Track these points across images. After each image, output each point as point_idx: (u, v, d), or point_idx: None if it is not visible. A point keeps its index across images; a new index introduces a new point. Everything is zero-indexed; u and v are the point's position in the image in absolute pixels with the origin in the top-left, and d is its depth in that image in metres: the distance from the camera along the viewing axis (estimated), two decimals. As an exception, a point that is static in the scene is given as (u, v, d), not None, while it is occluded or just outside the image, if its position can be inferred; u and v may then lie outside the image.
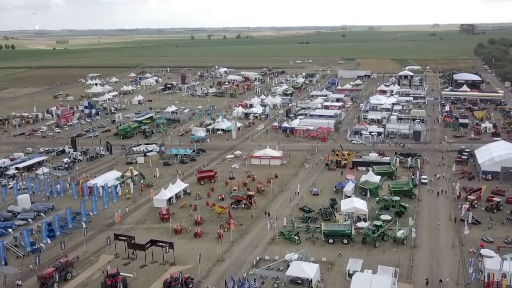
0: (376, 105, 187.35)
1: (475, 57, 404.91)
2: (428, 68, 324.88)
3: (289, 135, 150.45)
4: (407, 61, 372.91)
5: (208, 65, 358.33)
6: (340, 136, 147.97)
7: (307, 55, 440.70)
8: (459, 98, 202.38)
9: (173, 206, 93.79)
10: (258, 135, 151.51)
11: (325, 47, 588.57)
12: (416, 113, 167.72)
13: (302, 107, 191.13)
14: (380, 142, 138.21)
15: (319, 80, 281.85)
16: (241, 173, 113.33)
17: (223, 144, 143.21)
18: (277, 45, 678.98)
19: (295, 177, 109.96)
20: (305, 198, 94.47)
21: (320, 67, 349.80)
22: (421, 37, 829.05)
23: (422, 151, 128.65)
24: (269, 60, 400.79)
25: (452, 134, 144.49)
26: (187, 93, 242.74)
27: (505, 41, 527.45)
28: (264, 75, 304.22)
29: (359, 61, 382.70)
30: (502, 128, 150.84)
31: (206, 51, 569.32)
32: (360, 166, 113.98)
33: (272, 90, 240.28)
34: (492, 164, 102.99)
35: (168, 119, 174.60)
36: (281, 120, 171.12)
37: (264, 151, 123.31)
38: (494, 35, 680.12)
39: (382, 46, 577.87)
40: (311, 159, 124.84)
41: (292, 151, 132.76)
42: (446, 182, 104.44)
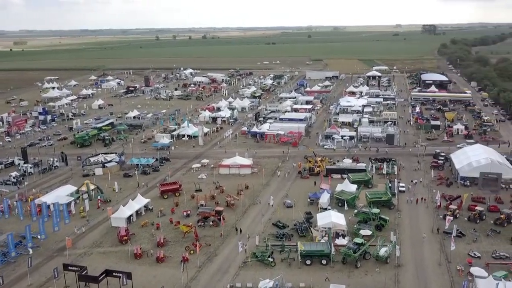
0: (346, 107, 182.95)
1: (439, 57, 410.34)
2: (395, 68, 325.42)
3: (259, 141, 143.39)
4: (374, 61, 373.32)
5: (173, 66, 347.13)
6: (312, 141, 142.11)
7: (275, 55, 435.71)
8: (428, 99, 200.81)
9: (133, 225, 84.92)
10: (227, 141, 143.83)
11: (292, 47, 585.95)
12: (387, 115, 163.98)
13: (272, 110, 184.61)
14: (353, 147, 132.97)
15: (287, 82, 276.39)
16: (208, 184, 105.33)
17: (189, 151, 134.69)
18: (244, 45, 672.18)
19: (267, 187, 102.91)
20: (278, 212, 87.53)
21: (288, 68, 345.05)
22: (385, 37, 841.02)
23: (396, 156, 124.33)
24: (236, 61, 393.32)
25: (425, 137, 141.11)
26: (151, 96, 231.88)
27: (466, 41, 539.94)
28: (231, 77, 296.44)
29: (327, 62, 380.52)
30: (474, 130, 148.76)
31: (172, 52, 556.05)
32: (335, 173, 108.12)
33: (240, 92, 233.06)
34: (471, 169, 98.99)
35: (130, 125, 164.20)
36: (250, 125, 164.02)
37: (233, 159, 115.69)
38: (453, 35, 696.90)
39: (348, 47, 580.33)
40: (283, 166, 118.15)
41: (263, 158, 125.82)
42: (424, 188, 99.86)
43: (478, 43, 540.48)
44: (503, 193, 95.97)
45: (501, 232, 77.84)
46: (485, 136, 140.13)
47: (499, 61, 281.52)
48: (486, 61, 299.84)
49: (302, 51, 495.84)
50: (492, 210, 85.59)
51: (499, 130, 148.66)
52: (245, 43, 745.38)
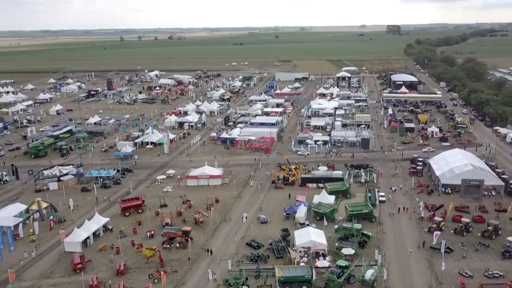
0: (318, 110, 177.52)
1: (406, 57, 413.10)
2: (364, 68, 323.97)
3: (229, 147, 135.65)
4: (342, 62, 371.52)
5: (137, 68, 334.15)
6: (284, 147, 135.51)
7: (243, 56, 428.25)
8: (399, 100, 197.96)
9: (90, 249, 75.64)
10: (195, 148, 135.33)
11: (260, 48, 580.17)
12: (360, 118, 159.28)
13: (242, 114, 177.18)
14: (328, 152, 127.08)
15: (256, 84, 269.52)
16: (175, 198, 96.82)
17: (153, 161, 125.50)
18: (211, 46, 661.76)
19: (239, 200, 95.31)
20: (252, 229, 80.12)
21: (256, 69, 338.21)
22: (351, 37, 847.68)
23: (372, 161, 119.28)
24: (204, 62, 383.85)
25: (400, 140, 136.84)
26: (113, 100, 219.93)
27: (431, 41, 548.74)
28: (198, 79, 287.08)
29: (296, 63, 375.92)
30: (448, 132, 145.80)
31: (137, 53, 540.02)
32: (310, 182, 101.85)
33: (208, 95, 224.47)
34: (452, 176, 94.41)
35: (90, 132, 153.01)
36: (219, 130, 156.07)
37: (202, 170, 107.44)
38: (416, 35, 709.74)
39: (316, 47, 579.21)
40: (256, 175, 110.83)
41: (234, 166, 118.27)
42: (405, 197, 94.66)
43: (442, 43, 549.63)
44: (486, 200, 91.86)
45: (490, 245, 73.02)
46: (460, 138, 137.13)
47: (465, 61, 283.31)
48: (453, 61, 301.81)
49: (270, 52, 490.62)
50: (478, 221, 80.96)
51: (473, 131, 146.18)
52: (212, 43, 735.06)
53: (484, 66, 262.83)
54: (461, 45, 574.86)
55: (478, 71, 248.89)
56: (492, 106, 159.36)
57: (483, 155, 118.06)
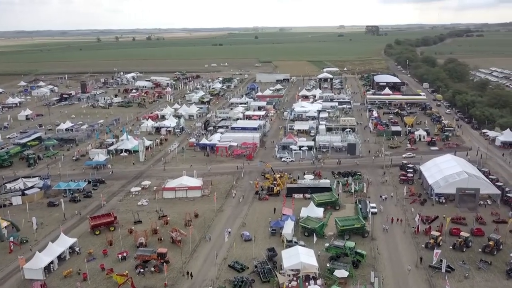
0: (301, 113, 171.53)
1: (387, 57, 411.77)
2: (345, 69, 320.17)
3: (210, 154, 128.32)
4: (323, 62, 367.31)
5: (113, 70, 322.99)
6: (268, 153, 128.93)
7: (222, 57, 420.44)
8: (384, 102, 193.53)
9: (54, 276, 67.54)
10: (172, 156, 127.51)
11: (240, 49, 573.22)
12: (345, 121, 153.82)
13: (222, 118, 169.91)
14: (314, 159, 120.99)
15: (237, 85, 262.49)
16: (150, 213, 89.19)
17: (128, 170, 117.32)
18: (190, 47, 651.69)
19: (220, 215, 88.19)
20: (235, 248, 73.16)
21: (237, 70, 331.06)
22: (330, 38, 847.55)
23: (360, 168, 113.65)
24: (182, 64, 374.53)
25: (388, 145, 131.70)
26: (87, 104, 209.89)
27: (410, 41, 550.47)
28: (177, 80, 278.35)
29: (276, 64, 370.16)
30: (436, 135, 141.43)
31: (114, 54, 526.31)
32: (296, 193, 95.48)
33: (187, 97, 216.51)
34: (447, 185, 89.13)
35: (61, 139, 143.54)
36: (199, 135, 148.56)
37: (180, 180, 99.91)
38: (395, 35, 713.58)
39: (296, 48, 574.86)
40: (238, 185, 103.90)
41: (215, 175, 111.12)
42: (396, 207, 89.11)
43: (421, 44, 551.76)
44: (482, 210, 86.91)
45: (493, 262, 67.70)
46: (448, 142, 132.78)
47: (447, 61, 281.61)
48: (434, 62, 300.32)
49: (250, 53, 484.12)
50: (477, 234, 75.70)
51: (461, 135, 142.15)
52: (191, 44, 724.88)
53: (466, 66, 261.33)
54: (439, 45, 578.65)
55: (460, 71, 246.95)
56: (478, 108, 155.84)
57: (469, 158, 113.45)
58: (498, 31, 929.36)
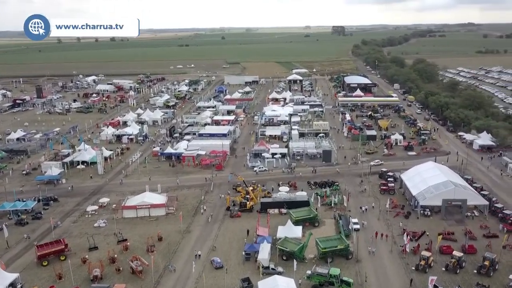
0: (272, 117, 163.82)
1: (355, 58, 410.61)
2: (314, 70, 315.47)
3: (176, 164, 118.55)
4: (292, 63, 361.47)
5: (72, 73, 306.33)
6: (239, 162, 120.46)
7: (189, 59, 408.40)
8: (356, 104, 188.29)
9: (-12, 323, 56.98)
10: (134, 167, 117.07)
11: (206, 49, 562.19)
12: (318, 125, 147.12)
13: (189, 124, 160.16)
14: (287, 167, 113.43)
15: (204, 88, 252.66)
16: (108, 237, 79.10)
17: (85, 185, 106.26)
18: (155, 48, 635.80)
19: (188, 236, 78.98)
20: (204, 278, 64.19)
21: (204, 72, 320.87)
22: (297, 38, 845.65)
23: (336, 176, 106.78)
24: (147, 65, 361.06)
25: (364, 150, 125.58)
26: (43, 110, 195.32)
27: (376, 42, 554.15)
28: (140, 83, 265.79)
29: (244, 65, 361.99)
30: (411, 139, 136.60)
31: (75, 56, 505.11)
32: (271, 208, 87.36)
33: (151, 101, 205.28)
34: (432, 197, 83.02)
35: (10, 150, 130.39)
36: (163, 143, 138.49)
37: (141, 197, 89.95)
38: (360, 36, 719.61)
39: (263, 48, 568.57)
40: (207, 199, 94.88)
41: (181, 188, 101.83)
42: (380, 222, 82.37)
43: (386, 44, 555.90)
44: (469, 222, 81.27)
45: (490, 286, 61.42)
46: (425, 147, 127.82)
47: (416, 62, 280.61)
48: (402, 62, 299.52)
49: (217, 54, 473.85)
50: (469, 252, 69.58)
51: (439, 138, 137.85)
52: (156, 45, 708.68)
53: (435, 67, 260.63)
54: (404, 45, 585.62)
55: (430, 72, 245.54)
56: (452, 110, 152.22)
57: (444, 164, 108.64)
58: (458, 31, 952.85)
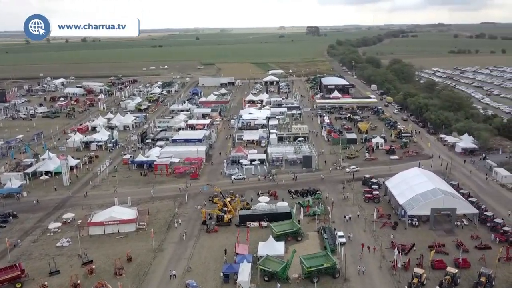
0: (250, 121, 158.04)
1: (330, 58, 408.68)
2: (291, 71, 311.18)
3: (147, 173, 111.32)
4: (267, 64, 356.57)
5: (39, 76, 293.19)
6: (215, 169, 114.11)
7: (162, 60, 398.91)
8: (334, 106, 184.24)
9: None
10: (103, 177, 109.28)
11: (180, 50, 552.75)
12: (297, 129, 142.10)
13: (162, 128, 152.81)
14: (266, 174, 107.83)
15: (178, 90, 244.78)
16: (72, 258, 71.76)
17: (48, 198, 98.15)
18: (127, 49, 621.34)
19: (160, 255, 72.26)
20: (179, 306, 57.96)
21: (177, 73, 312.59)
22: (272, 39, 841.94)
23: (317, 183, 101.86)
24: (119, 67, 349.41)
25: (345, 155, 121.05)
26: (6, 115, 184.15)
27: (351, 42, 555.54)
28: (111, 86, 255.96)
29: (219, 66, 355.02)
30: (392, 142, 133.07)
31: (44, 57, 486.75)
32: (251, 221, 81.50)
33: (122, 105, 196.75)
34: (420, 206, 78.65)
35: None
36: (134, 150, 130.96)
37: (110, 211, 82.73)
38: (334, 36, 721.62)
39: (238, 49, 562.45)
40: (182, 212, 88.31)
41: (153, 200, 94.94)
42: (366, 234, 77.53)
43: (361, 44, 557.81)
44: (459, 232, 77.27)
45: (488, 304, 57.28)
46: (408, 150, 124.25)
47: (392, 62, 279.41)
48: (378, 62, 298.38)
49: (191, 55, 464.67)
50: (463, 266, 65.29)
51: (421, 141, 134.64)
52: (128, 46, 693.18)
53: (412, 67, 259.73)
54: (378, 45, 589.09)
55: (407, 72, 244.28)
56: (432, 111, 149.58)
57: (422, 166, 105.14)
58: (429, 32, 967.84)
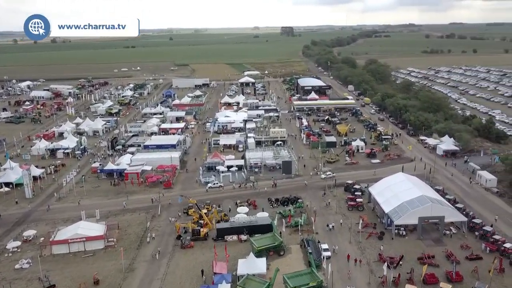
0: (226, 124, 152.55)
1: (306, 58, 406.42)
2: (266, 72, 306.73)
3: (118, 183, 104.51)
4: (243, 65, 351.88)
5: (4, 78, 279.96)
6: (190, 177, 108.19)
7: (134, 61, 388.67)
8: (311, 108, 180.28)
9: None
10: (69, 188, 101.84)
11: (154, 51, 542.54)
12: (275, 133, 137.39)
13: (133, 133, 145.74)
14: (243, 182, 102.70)
15: (151, 92, 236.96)
16: (32, 282, 64.98)
17: (8, 212, 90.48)
18: (99, 50, 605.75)
19: (130, 276, 66.12)
20: (152, 336, 52.16)
21: (150, 75, 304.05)
22: (246, 39, 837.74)
23: (298, 190, 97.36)
24: (90, 69, 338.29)
25: (325, 159, 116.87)
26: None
27: (325, 42, 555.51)
28: (81, 89, 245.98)
29: (194, 67, 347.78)
30: (372, 144, 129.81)
31: (11, 59, 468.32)
32: (229, 234, 76.12)
33: (92, 108, 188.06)
34: (408, 215, 74.83)
35: None
36: (104, 157, 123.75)
37: (75, 228, 75.95)
38: (309, 36, 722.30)
39: (213, 50, 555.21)
40: (154, 226, 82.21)
41: (123, 212, 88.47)
42: (351, 245, 73.24)
43: (335, 44, 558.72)
44: (448, 241, 73.80)
45: (486, 323, 53.60)
46: (389, 153, 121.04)
47: (368, 62, 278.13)
48: (354, 63, 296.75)
49: (165, 55, 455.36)
50: (456, 280, 61.62)
51: (401, 143, 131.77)
52: (101, 47, 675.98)
53: (388, 67, 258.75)
54: (352, 45, 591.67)
55: (383, 72, 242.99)
56: (411, 112, 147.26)
57: (402, 171, 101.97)
58: (401, 32, 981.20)
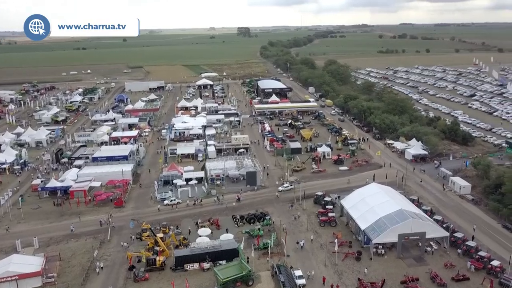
0: (183, 131, 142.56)
1: (264, 59, 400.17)
2: (225, 74, 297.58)
3: (62, 203, 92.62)
4: (200, 67, 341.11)
5: None
6: (144, 193, 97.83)
7: (85, 63, 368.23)
8: (273, 112, 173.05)
9: None
10: (5, 210, 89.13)
11: (106, 53, 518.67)
12: (238, 139, 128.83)
13: (81, 144, 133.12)
14: (197, 200, 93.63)
15: (102, 97, 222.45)
16: None
17: None
18: (47, 52, 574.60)
19: (73, 323, 55.89)
20: None
21: (102, 78, 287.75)
22: (202, 40, 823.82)
23: (264, 204, 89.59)
24: (36, 72, 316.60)
25: (291, 167, 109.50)
26: None
27: (282, 43, 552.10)
28: (24, 94, 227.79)
29: (148, 69, 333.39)
30: (338, 150, 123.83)
31: None
32: (190, 262, 66.85)
33: (36, 116, 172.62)
34: (387, 233, 68.27)
35: None
36: (48, 172, 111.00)
37: (7, 263, 64.37)
38: (265, 37, 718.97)
39: (168, 51, 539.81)
40: (103, 254, 71.72)
41: (67, 239, 77.32)
42: (327, 269, 65.95)
43: (292, 45, 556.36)
44: (430, 259, 67.90)
45: None
46: (356, 159, 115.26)
47: (327, 63, 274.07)
48: (313, 63, 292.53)
49: (117, 57, 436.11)
50: (444, 307, 55.48)
51: (369, 148, 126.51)
52: (48, 49, 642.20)
53: (348, 68, 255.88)
54: (309, 46, 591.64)
55: (343, 73, 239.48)
56: (376, 115, 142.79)
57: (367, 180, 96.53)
58: (355, 32, 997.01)
